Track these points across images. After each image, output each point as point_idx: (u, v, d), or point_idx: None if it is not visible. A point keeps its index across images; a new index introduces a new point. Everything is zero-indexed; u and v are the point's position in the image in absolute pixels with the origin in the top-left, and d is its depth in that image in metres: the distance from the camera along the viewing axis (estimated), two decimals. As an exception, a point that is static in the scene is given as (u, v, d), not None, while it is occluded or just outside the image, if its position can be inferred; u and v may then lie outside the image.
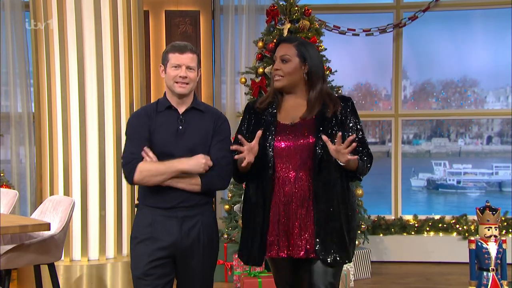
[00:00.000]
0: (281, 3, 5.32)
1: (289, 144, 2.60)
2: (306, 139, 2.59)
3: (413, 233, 6.09)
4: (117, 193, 4.49)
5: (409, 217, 6.24)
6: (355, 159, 2.53)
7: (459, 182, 13.26)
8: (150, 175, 2.53)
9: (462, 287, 4.86)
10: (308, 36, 5.14)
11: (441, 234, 6.08)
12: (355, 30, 6.25)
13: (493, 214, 3.86)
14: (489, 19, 6.61)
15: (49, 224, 3.36)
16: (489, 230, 3.86)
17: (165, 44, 6.08)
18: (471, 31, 6.87)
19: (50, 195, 4.36)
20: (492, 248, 3.84)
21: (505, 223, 5.90)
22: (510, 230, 5.91)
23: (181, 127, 2.61)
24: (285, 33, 5.18)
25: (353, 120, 2.66)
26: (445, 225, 6.09)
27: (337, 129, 2.58)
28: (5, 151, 6.14)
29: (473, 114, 7.42)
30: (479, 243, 3.87)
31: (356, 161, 2.55)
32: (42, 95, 4.54)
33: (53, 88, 4.47)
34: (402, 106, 6.50)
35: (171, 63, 2.60)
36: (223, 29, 6.31)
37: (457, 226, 6.05)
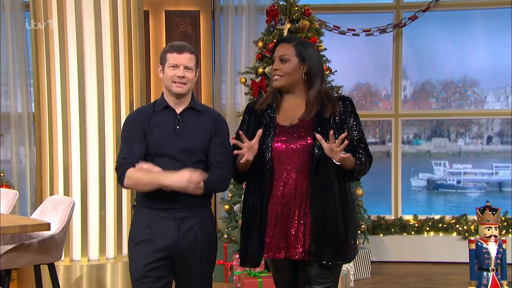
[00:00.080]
0: (281, 3, 5.32)
1: (287, 145, 2.59)
2: (304, 140, 2.57)
3: (413, 233, 6.09)
4: (117, 193, 4.49)
5: (409, 217, 6.23)
6: (351, 159, 2.52)
7: (459, 182, 13.25)
8: (136, 184, 2.55)
9: (462, 287, 4.85)
10: (308, 36, 5.13)
11: (441, 234, 6.08)
12: (355, 30, 6.25)
13: (493, 214, 3.86)
14: (489, 19, 6.61)
15: (49, 224, 3.35)
16: (489, 230, 3.86)
17: (165, 44, 6.06)
18: (471, 31, 6.87)
19: (50, 195, 4.36)
20: (492, 248, 3.84)
21: (505, 223, 5.89)
22: (510, 230, 5.90)
23: (178, 127, 2.59)
24: (285, 33, 5.18)
25: (352, 120, 2.64)
26: (445, 225, 6.08)
27: (336, 130, 2.56)
28: (5, 151, 6.14)
29: (473, 114, 7.42)
30: (479, 243, 3.86)
31: (352, 161, 2.53)
32: (42, 95, 4.54)
33: (53, 88, 4.46)
34: (402, 106, 6.49)
35: (169, 63, 2.58)
36: (223, 29, 6.31)
37: (457, 226, 6.05)
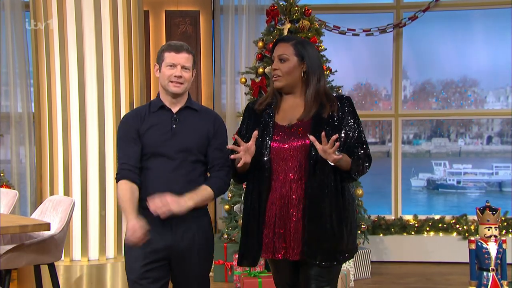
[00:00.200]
0: (281, 3, 5.32)
1: (285, 145, 2.58)
2: (302, 140, 2.56)
3: (413, 233, 6.08)
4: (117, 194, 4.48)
5: (409, 217, 6.23)
6: (347, 160, 2.49)
7: (459, 182, 13.25)
8: (118, 199, 2.60)
9: (462, 287, 4.85)
10: (308, 36, 5.13)
11: (441, 234, 6.08)
12: (355, 30, 6.24)
13: (493, 214, 3.85)
14: (489, 19, 6.61)
15: (49, 224, 3.36)
16: (489, 230, 3.86)
17: (165, 44, 6.07)
18: (471, 31, 6.87)
19: (50, 195, 4.36)
20: (492, 248, 3.84)
21: (505, 223, 5.89)
22: (510, 230, 5.90)
23: (175, 126, 2.58)
24: (285, 33, 5.18)
25: (351, 119, 2.61)
26: (445, 225, 6.08)
27: (334, 130, 2.55)
28: (5, 151, 6.13)
29: (473, 114, 7.41)
30: (479, 243, 3.86)
31: (348, 161, 2.51)
32: (42, 95, 4.54)
33: (53, 88, 4.47)
34: (402, 106, 6.49)
35: (166, 62, 2.57)
36: (223, 29, 6.31)
37: (457, 226, 6.05)
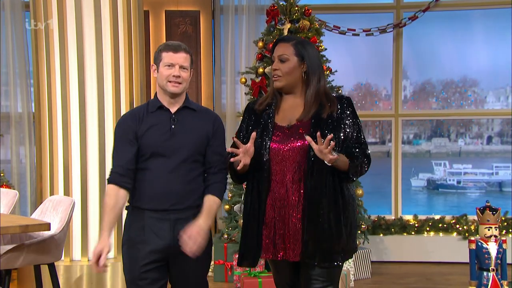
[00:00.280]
0: (281, 3, 5.32)
1: (285, 146, 2.57)
2: (301, 141, 2.55)
3: (413, 233, 6.08)
4: (117, 193, 4.49)
5: (409, 217, 6.23)
6: (344, 160, 2.48)
7: (459, 182, 13.27)
8: (103, 203, 2.60)
9: (462, 287, 4.85)
10: (308, 36, 5.13)
11: (441, 234, 6.08)
12: (355, 30, 6.24)
13: (493, 214, 3.86)
14: (489, 19, 6.61)
15: (49, 224, 3.36)
16: (489, 230, 3.86)
17: (165, 44, 6.06)
18: (471, 31, 6.87)
19: (50, 195, 4.36)
20: (492, 248, 3.84)
21: (505, 223, 5.89)
22: (510, 230, 5.90)
23: (173, 126, 2.58)
24: (285, 33, 5.18)
25: (350, 119, 2.61)
26: (445, 225, 6.08)
27: (333, 130, 2.54)
28: (5, 151, 6.14)
29: (473, 114, 7.42)
30: (479, 243, 3.86)
31: (345, 161, 2.50)
32: (42, 95, 4.54)
33: (53, 88, 4.47)
34: (402, 106, 6.49)
35: (164, 62, 2.56)
36: (223, 29, 6.31)
37: (457, 226, 6.05)
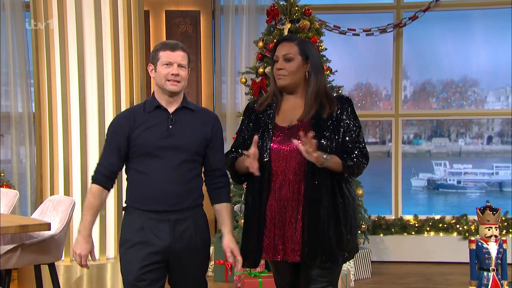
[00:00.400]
0: (281, 3, 5.32)
1: (285, 147, 2.57)
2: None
3: (413, 233, 6.08)
4: (117, 193, 4.49)
5: (409, 217, 6.23)
6: (336, 160, 2.48)
7: (459, 182, 13.28)
8: (86, 201, 2.61)
9: (462, 287, 4.85)
10: (308, 36, 5.13)
11: (441, 234, 6.07)
12: (355, 30, 6.24)
13: (494, 214, 3.86)
14: (489, 19, 6.61)
15: (49, 224, 3.36)
16: (489, 230, 3.86)
17: (165, 44, 6.06)
18: (471, 31, 6.87)
19: (50, 195, 4.36)
20: (492, 248, 3.84)
21: (506, 223, 5.89)
22: (510, 230, 5.90)
23: (171, 126, 2.56)
24: (286, 33, 5.18)
25: (350, 119, 2.61)
26: (445, 225, 6.08)
27: (333, 130, 2.55)
28: (5, 151, 6.13)
29: (474, 114, 7.43)
30: (480, 243, 3.86)
31: (337, 162, 2.50)
32: (42, 95, 4.54)
33: (54, 88, 4.47)
34: (402, 106, 6.48)
35: (162, 61, 2.55)
36: (223, 29, 6.30)
37: (458, 226, 6.05)
